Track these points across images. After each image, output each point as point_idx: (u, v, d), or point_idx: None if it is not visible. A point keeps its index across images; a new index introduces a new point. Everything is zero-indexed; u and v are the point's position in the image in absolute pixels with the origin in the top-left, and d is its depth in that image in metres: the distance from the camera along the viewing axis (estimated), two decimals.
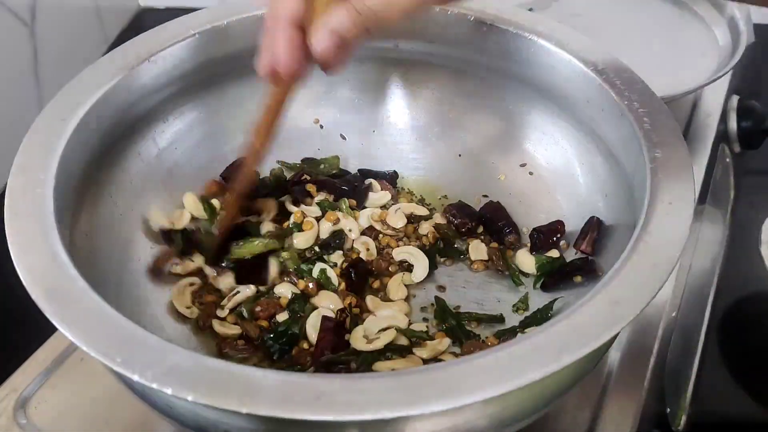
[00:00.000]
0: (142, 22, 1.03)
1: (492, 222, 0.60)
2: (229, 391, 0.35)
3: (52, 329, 0.42)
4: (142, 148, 0.58)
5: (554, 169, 0.61)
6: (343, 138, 0.66)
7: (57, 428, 0.52)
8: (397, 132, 0.66)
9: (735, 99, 0.81)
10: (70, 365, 0.56)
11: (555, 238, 0.58)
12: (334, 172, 0.64)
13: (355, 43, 0.42)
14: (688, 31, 0.79)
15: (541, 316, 0.53)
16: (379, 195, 0.63)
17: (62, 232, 0.43)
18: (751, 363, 0.65)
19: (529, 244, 0.59)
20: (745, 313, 0.69)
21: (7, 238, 0.42)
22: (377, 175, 0.64)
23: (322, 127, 0.66)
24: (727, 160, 0.79)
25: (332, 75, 0.45)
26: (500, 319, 0.55)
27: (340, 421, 0.34)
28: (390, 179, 0.64)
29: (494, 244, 0.59)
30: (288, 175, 0.64)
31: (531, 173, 0.62)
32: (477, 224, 0.60)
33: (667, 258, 0.41)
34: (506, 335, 0.53)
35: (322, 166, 0.65)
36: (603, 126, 0.54)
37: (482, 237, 0.60)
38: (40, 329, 0.55)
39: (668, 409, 0.58)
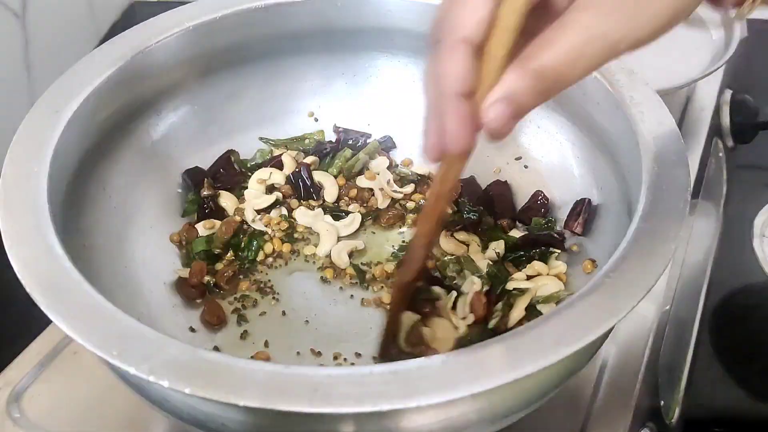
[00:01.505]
0: (134, 14, 1.03)
1: (491, 203, 0.60)
2: (226, 384, 0.35)
3: (47, 322, 0.42)
4: (135, 141, 0.58)
5: (549, 162, 0.60)
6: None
7: (51, 422, 0.52)
8: (392, 124, 0.66)
9: (728, 93, 0.82)
10: (64, 358, 0.55)
11: (542, 210, 0.58)
12: (318, 141, 0.65)
13: (531, 109, 0.37)
14: (681, 25, 0.79)
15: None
16: (377, 162, 0.64)
17: (56, 225, 0.43)
18: (744, 355, 0.65)
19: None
20: (738, 306, 0.69)
21: (1, 230, 0.42)
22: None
23: (317, 120, 0.66)
24: (720, 154, 0.80)
25: (497, 142, 0.39)
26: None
27: (337, 413, 0.34)
28: (385, 147, 0.65)
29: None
30: (275, 151, 0.64)
31: (526, 166, 0.62)
32: (476, 204, 0.60)
33: (662, 252, 0.41)
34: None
35: (306, 141, 0.65)
36: (598, 119, 0.54)
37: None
38: (34, 322, 0.54)
39: (662, 402, 0.58)
